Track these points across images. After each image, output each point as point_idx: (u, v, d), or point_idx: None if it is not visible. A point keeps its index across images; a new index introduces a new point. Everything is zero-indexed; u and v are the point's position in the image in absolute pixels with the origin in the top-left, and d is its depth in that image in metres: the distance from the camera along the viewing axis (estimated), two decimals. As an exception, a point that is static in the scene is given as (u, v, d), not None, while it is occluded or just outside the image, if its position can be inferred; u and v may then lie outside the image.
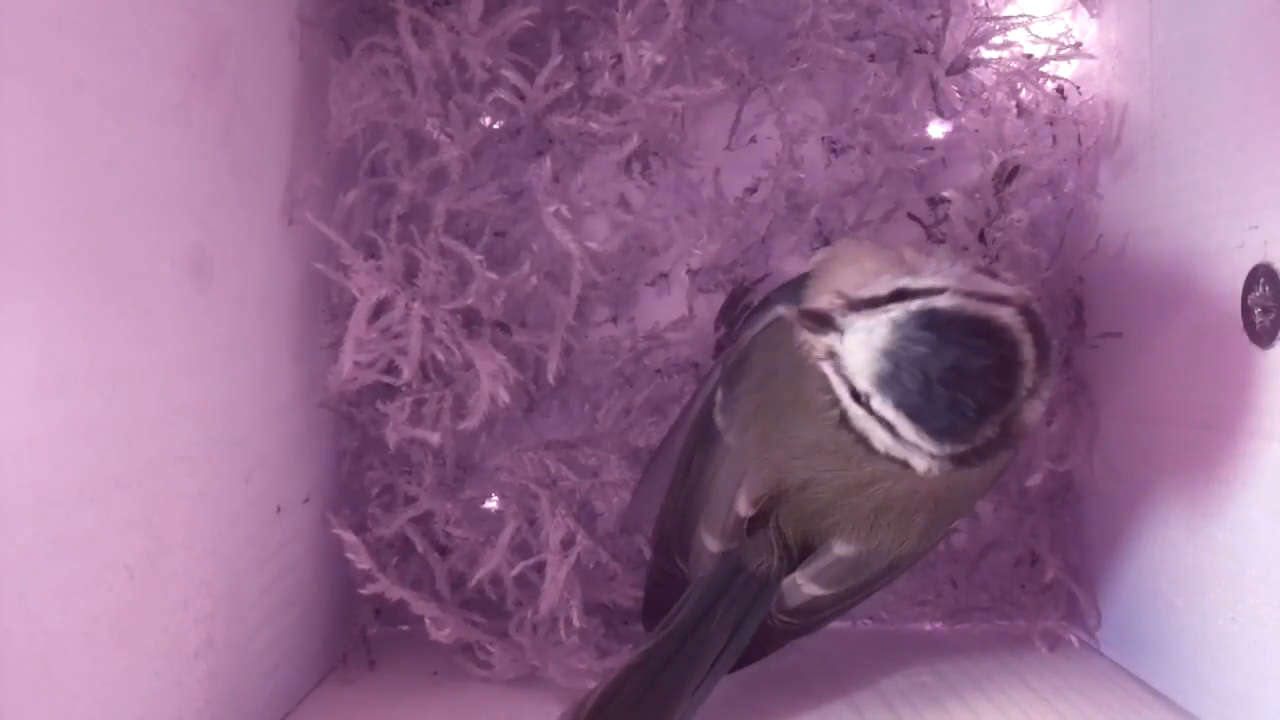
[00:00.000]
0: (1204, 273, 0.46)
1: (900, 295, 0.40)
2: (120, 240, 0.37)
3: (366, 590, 0.54)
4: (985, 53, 0.59)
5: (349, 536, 0.53)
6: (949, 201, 0.58)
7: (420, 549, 0.57)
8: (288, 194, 0.51)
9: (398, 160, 0.57)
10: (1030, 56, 0.58)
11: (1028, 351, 0.40)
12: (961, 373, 0.39)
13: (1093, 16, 0.57)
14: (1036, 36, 0.58)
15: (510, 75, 0.56)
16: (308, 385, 0.54)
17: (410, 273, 0.54)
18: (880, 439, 0.41)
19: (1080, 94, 0.58)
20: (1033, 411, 0.41)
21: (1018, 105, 0.59)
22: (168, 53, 0.40)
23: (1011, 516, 0.60)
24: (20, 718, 0.32)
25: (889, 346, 0.39)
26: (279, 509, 0.50)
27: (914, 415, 0.40)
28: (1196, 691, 0.48)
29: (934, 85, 0.59)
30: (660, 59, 0.55)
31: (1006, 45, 0.58)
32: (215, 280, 0.44)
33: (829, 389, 0.42)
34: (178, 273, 0.41)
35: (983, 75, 0.59)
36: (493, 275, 0.55)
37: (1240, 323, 0.43)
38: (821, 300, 0.43)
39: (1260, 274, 0.42)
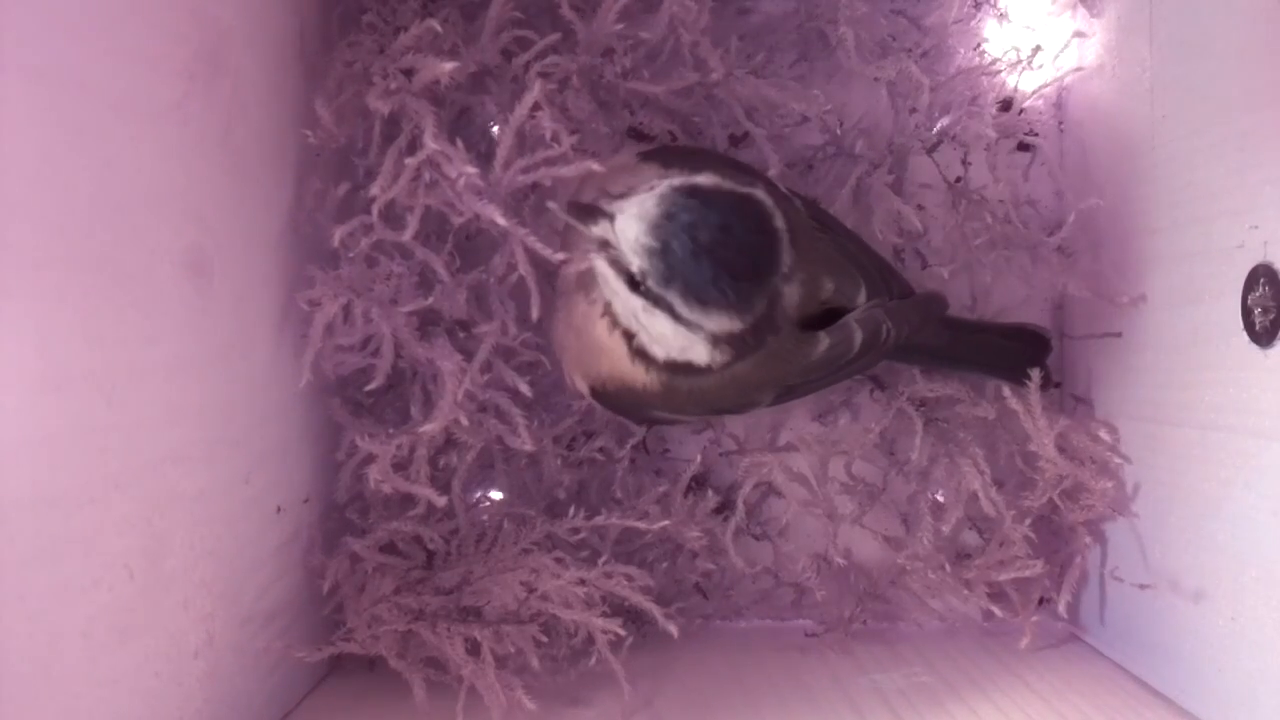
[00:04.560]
0: (1204, 273, 0.46)
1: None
2: (120, 240, 0.37)
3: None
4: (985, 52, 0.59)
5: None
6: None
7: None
8: (291, 195, 0.51)
9: (375, 156, 0.54)
10: (1031, 56, 0.58)
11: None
12: (727, 237, 0.42)
13: (1093, 16, 0.57)
14: (1036, 37, 0.58)
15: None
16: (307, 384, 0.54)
17: (375, 273, 0.52)
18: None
19: (1080, 94, 0.58)
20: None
21: (1017, 104, 0.59)
22: (168, 53, 0.40)
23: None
24: (20, 718, 0.32)
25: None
26: (279, 509, 0.50)
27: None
28: (1196, 691, 0.48)
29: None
30: None
31: (1006, 45, 0.58)
32: (215, 280, 0.44)
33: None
34: (177, 273, 0.41)
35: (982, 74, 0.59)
36: (460, 276, 0.53)
37: (1240, 323, 0.43)
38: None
39: (1260, 274, 0.42)
